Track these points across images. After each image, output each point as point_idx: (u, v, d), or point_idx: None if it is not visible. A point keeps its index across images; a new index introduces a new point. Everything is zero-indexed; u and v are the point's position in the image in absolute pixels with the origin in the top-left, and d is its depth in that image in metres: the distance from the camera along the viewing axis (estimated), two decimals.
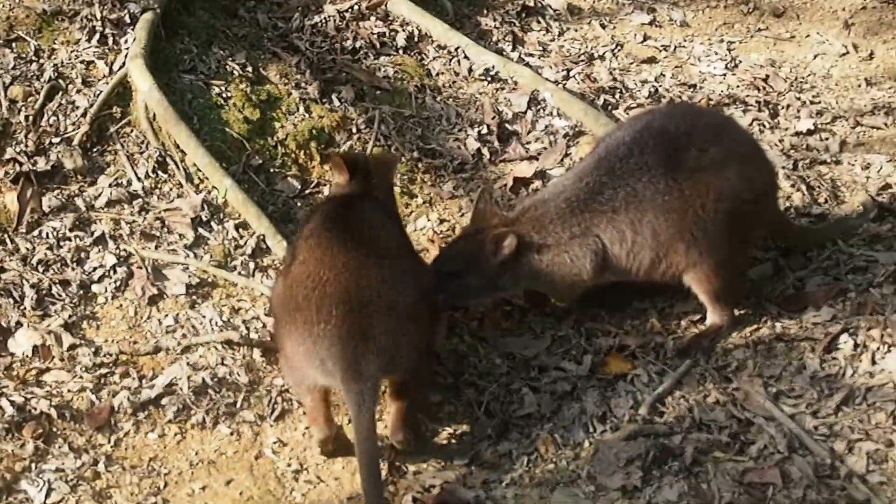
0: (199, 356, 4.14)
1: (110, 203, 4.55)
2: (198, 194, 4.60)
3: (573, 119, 5.19)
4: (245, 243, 4.52)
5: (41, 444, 3.83)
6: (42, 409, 3.90)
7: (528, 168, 4.99)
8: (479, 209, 4.20)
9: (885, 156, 4.98)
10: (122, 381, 4.04)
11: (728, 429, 3.75)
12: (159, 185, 4.64)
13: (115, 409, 3.96)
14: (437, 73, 5.43)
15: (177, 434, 3.94)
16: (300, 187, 4.80)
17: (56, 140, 4.63)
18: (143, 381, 4.05)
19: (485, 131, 5.16)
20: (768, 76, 5.57)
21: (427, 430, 3.97)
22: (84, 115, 4.70)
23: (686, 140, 4.05)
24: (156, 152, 4.68)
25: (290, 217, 4.68)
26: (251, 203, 4.58)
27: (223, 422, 3.98)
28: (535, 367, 4.16)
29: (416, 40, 5.56)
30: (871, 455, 3.59)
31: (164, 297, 4.33)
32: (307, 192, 4.79)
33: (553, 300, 4.37)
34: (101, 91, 4.76)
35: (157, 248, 4.46)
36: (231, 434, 3.95)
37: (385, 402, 3.92)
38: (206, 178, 4.65)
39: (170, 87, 4.85)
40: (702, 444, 3.70)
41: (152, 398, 3.99)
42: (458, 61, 5.48)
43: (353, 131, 5.00)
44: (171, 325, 4.24)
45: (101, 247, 4.43)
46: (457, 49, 5.52)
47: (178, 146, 4.69)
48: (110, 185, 4.59)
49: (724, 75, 5.61)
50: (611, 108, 5.33)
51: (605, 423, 3.88)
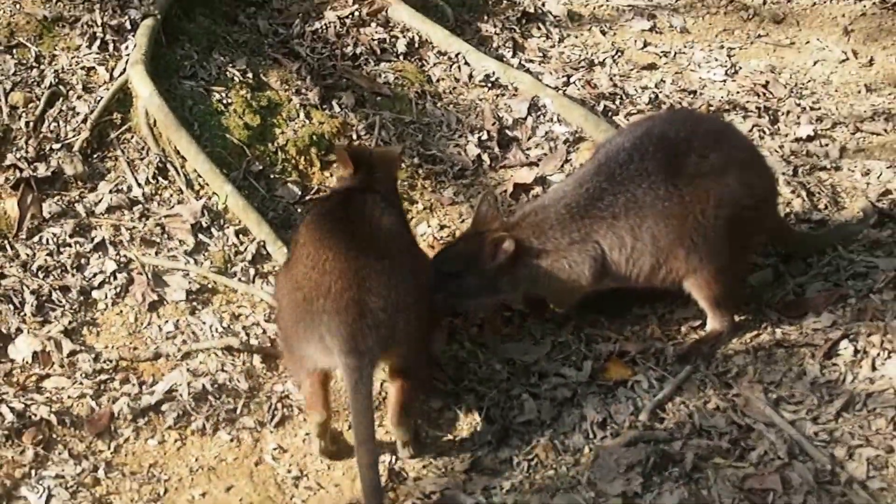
0: (200, 362, 4.14)
1: (111, 209, 4.56)
2: (198, 200, 4.61)
3: (573, 125, 5.19)
4: (245, 249, 4.52)
5: (41, 450, 3.82)
6: (42, 415, 3.90)
7: (528, 174, 4.99)
8: (481, 211, 4.19)
9: (885, 162, 4.98)
10: (122, 388, 4.04)
11: (728, 435, 3.75)
12: (160, 192, 4.65)
13: (115, 415, 3.96)
14: (438, 79, 5.44)
15: (177, 440, 3.94)
16: (300, 193, 4.80)
17: (56, 146, 4.64)
18: (143, 388, 4.05)
19: (485, 137, 5.17)
20: (768, 82, 5.58)
21: (427, 437, 3.97)
22: (84, 121, 4.71)
23: (686, 146, 4.05)
24: (156, 158, 4.68)
25: (290, 223, 4.67)
26: (251, 209, 4.59)
27: (223, 428, 3.97)
28: (536, 373, 4.15)
29: (416, 46, 5.57)
30: (871, 461, 3.58)
31: (165, 303, 4.33)
32: (307, 197, 4.79)
33: (552, 306, 4.37)
34: (102, 97, 4.77)
35: (157, 254, 4.46)
36: (231, 440, 3.95)
37: (385, 404, 3.92)
38: (207, 184, 4.66)
39: (170, 93, 4.86)
40: (702, 451, 3.70)
41: (152, 404, 3.99)
42: (459, 67, 5.49)
43: (354, 137, 5.00)
44: (171, 332, 4.24)
45: (101, 253, 4.43)
46: (457, 55, 5.52)
47: (178, 152, 4.70)
48: (111, 191, 4.59)
49: (725, 81, 5.62)
50: (611, 114, 5.33)
51: (605, 430, 3.87)
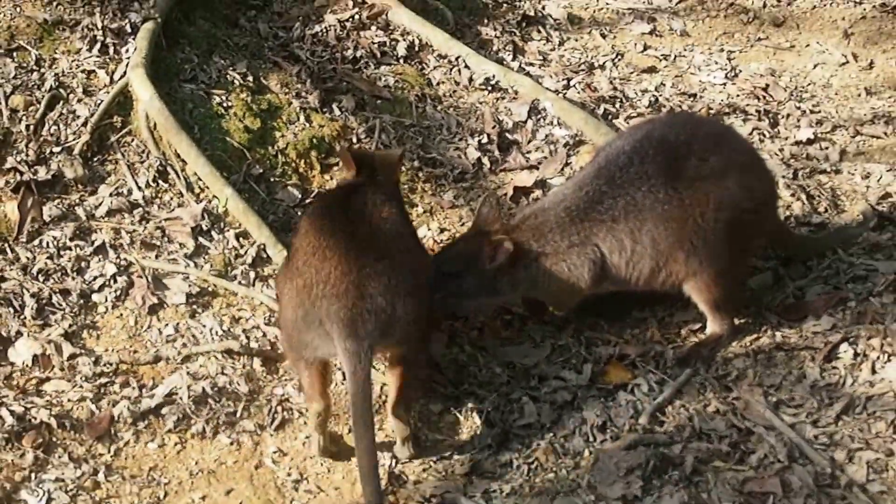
0: (200, 366, 4.13)
1: (111, 212, 4.56)
2: (198, 203, 4.61)
3: (573, 128, 5.19)
4: (245, 252, 4.52)
5: (41, 453, 3.82)
6: (42, 418, 3.89)
7: (528, 177, 4.99)
8: (482, 213, 4.19)
9: (885, 165, 4.98)
10: (122, 391, 4.04)
11: (728, 438, 3.75)
12: (160, 195, 4.65)
13: (115, 418, 3.95)
14: (438, 83, 5.44)
15: (177, 444, 3.93)
16: (301, 196, 4.80)
17: (57, 149, 4.64)
18: (143, 391, 4.04)
19: (485, 140, 5.17)
20: (768, 85, 5.57)
21: (427, 440, 3.97)
22: (85, 124, 4.71)
23: (686, 149, 4.05)
24: (156, 161, 4.68)
25: (290, 226, 4.66)
26: (252, 212, 4.59)
27: (223, 431, 3.97)
28: (535, 376, 4.15)
29: (416, 50, 5.57)
30: (871, 464, 3.58)
31: (165, 306, 4.33)
32: (308, 201, 4.79)
33: (551, 308, 4.36)
34: (102, 100, 4.77)
35: (157, 257, 4.46)
36: (231, 444, 3.95)
37: (385, 408, 3.92)
38: (207, 188, 4.66)
39: (171, 96, 4.86)
40: (702, 454, 3.70)
41: (152, 408, 3.99)
42: (459, 70, 5.49)
43: (354, 141, 5.00)
44: (171, 335, 4.24)
45: (101, 256, 4.43)
46: (457, 58, 5.52)
47: (178, 155, 4.70)
48: (111, 195, 4.59)
49: (724, 85, 5.62)
50: (611, 117, 5.33)
51: (605, 433, 3.87)
